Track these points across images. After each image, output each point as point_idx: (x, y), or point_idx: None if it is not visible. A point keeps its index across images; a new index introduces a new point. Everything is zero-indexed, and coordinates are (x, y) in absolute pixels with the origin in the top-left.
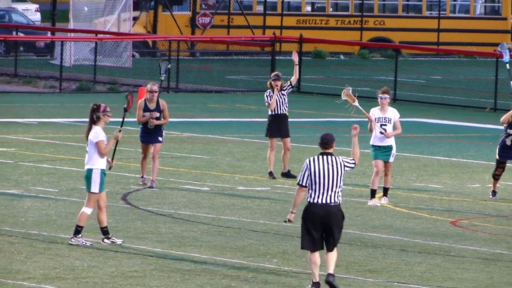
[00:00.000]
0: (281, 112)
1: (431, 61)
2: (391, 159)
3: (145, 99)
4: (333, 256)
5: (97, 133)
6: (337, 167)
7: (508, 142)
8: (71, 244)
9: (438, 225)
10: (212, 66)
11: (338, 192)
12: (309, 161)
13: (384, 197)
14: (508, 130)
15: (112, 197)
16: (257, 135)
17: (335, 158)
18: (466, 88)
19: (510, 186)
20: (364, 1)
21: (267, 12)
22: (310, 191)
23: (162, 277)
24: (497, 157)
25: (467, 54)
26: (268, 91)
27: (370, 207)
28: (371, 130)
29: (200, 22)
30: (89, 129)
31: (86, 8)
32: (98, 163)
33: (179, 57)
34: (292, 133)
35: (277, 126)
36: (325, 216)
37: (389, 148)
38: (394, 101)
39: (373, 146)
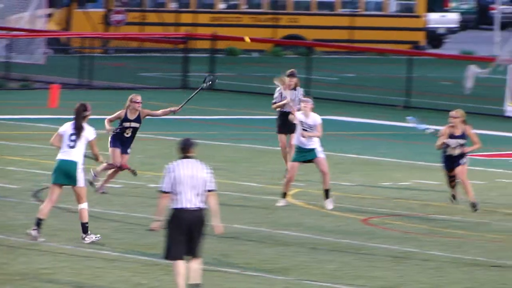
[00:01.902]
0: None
1: (344, 58)
2: (320, 155)
3: (126, 109)
4: (198, 266)
5: (93, 131)
6: (200, 171)
7: (454, 152)
8: (89, 243)
9: (349, 223)
10: (126, 63)
11: (203, 196)
12: (172, 166)
13: (328, 199)
14: (456, 141)
15: (23, 194)
16: (171, 132)
17: (198, 162)
18: (378, 86)
19: (422, 184)
20: None
21: (180, 9)
22: (175, 197)
23: (74, 274)
24: (444, 169)
25: (380, 52)
26: (279, 88)
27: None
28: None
29: (113, 19)
30: (79, 126)
31: (1, 5)
32: (81, 158)
33: (93, 54)
34: (204, 131)
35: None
36: (192, 222)
37: (311, 150)
38: None
39: (296, 147)
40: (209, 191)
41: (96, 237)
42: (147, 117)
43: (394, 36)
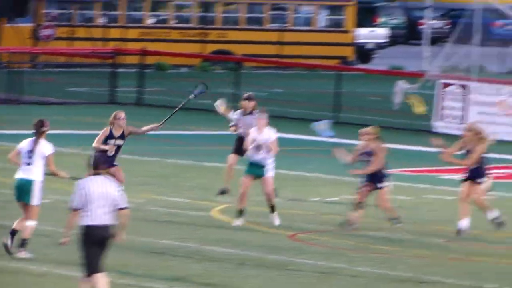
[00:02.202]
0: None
1: (273, 73)
2: (268, 174)
3: (111, 127)
4: (107, 279)
5: (50, 146)
6: (111, 188)
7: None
8: (24, 258)
9: (276, 239)
10: (55, 78)
11: (113, 213)
12: (83, 182)
13: (273, 213)
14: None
15: None
16: None
17: (108, 179)
18: (307, 101)
19: (350, 200)
20: (206, 14)
21: (109, 24)
22: (86, 213)
23: None
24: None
25: (308, 67)
26: (238, 111)
27: (211, 220)
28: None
29: (42, 34)
30: (36, 142)
31: None
32: (39, 175)
33: (22, 69)
34: (132, 145)
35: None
36: (103, 238)
37: (262, 166)
38: None
39: (249, 161)
40: (120, 209)
41: (29, 255)
42: (130, 134)
43: (323, 51)
